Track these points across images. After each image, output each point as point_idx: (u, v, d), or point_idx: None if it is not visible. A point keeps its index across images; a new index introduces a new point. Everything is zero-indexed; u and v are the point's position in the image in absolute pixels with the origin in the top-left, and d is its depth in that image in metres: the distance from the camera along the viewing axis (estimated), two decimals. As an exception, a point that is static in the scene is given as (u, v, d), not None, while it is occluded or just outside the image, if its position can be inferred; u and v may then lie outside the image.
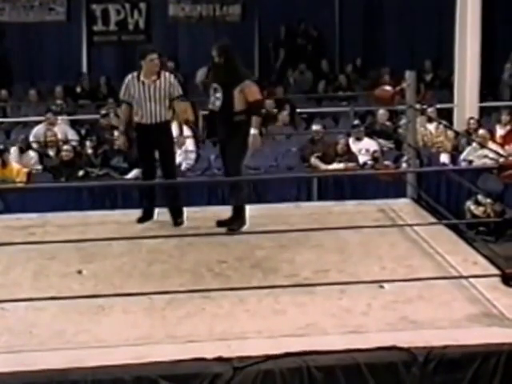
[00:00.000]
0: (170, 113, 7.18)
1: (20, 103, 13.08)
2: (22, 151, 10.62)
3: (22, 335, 5.11)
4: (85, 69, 14.26)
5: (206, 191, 9.69)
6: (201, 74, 14.54)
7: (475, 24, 11.64)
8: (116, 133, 10.78)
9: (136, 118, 7.11)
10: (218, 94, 6.79)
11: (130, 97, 7.10)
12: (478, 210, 10.05)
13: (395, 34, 14.44)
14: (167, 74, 7.25)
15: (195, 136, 11.24)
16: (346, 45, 14.69)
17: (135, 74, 7.13)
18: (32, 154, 10.72)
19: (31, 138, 11.17)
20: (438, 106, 11.98)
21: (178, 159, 10.60)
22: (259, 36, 14.63)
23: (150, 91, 7.06)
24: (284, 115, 12.04)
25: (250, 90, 6.75)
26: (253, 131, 6.72)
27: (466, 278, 5.75)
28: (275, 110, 12.24)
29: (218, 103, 6.79)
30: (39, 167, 10.60)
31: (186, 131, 11.02)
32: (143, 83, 7.07)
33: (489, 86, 12.50)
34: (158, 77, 7.11)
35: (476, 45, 11.69)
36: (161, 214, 7.25)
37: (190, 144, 10.96)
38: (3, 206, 9.08)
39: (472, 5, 11.61)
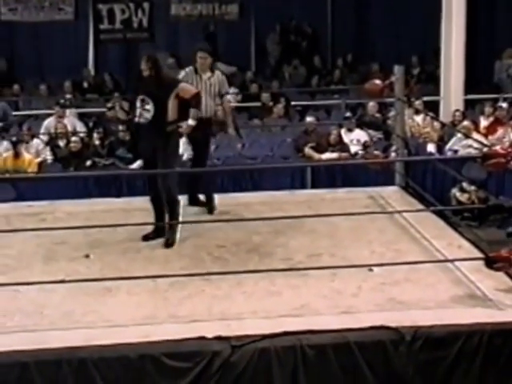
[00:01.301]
0: (217, 109, 7.19)
1: (31, 97, 13.04)
2: (28, 141, 10.58)
3: (33, 316, 5.11)
4: (91, 65, 14.22)
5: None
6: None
7: (460, 21, 11.61)
8: (121, 126, 10.76)
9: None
10: (148, 106, 6.25)
11: None
12: (463, 197, 10.04)
13: (384, 30, 14.39)
14: (219, 72, 7.19)
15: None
16: (337, 41, 14.65)
17: (191, 68, 7.10)
18: (37, 142, 10.68)
19: (42, 130, 11.14)
20: (425, 98, 11.96)
21: (180, 150, 10.60)
22: (255, 33, 14.58)
23: (207, 86, 7.01)
24: (279, 108, 12.01)
25: (184, 90, 6.36)
26: (190, 121, 6.37)
27: (451, 261, 5.74)
28: (271, 103, 12.21)
29: (148, 115, 6.26)
30: (49, 157, 10.57)
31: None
32: (201, 77, 7.03)
33: (472, 80, 12.45)
34: (212, 74, 7.08)
35: (461, 41, 11.66)
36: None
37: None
38: (16, 194, 9.05)
39: (457, 2, 11.58)
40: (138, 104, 6.30)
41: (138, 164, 10.25)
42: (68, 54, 14.00)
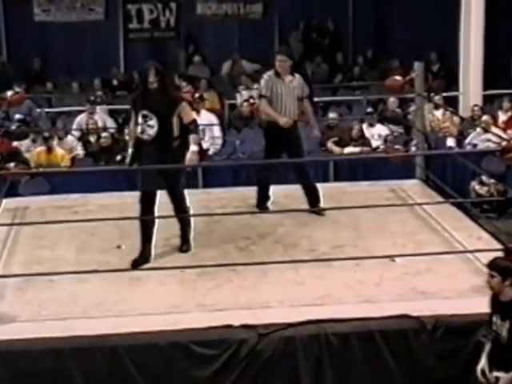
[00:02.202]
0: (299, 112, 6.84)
1: (63, 95, 13.07)
2: (62, 138, 10.63)
3: (67, 304, 5.13)
4: (121, 63, 14.25)
5: (232, 173, 9.63)
6: (226, 66, 14.52)
7: (479, 17, 11.50)
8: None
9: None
10: (152, 122, 5.72)
11: (273, 93, 6.69)
12: (482, 190, 9.95)
13: (403, 27, 14.29)
14: (298, 75, 6.87)
15: (222, 123, 11.21)
16: (358, 38, 14.57)
17: (271, 72, 6.77)
18: (71, 139, 10.73)
19: (74, 126, 11.17)
20: (445, 94, 11.87)
21: (206, 145, 10.62)
22: (279, 31, 14.52)
23: (289, 89, 6.72)
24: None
25: (186, 112, 5.83)
26: (192, 147, 5.74)
27: (471, 252, 5.70)
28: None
29: (152, 131, 5.72)
30: (81, 152, 10.61)
31: (214, 119, 11.02)
32: (283, 81, 6.73)
33: (491, 75, 12.33)
34: (293, 77, 6.79)
35: (479, 37, 11.55)
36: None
37: (216, 130, 10.91)
38: (50, 188, 9.09)
39: (476, -1, 11.50)
40: (140, 120, 5.76)
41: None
42: (98, 52, 14.04)
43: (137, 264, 5.69)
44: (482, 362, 4.40)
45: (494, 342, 4.34)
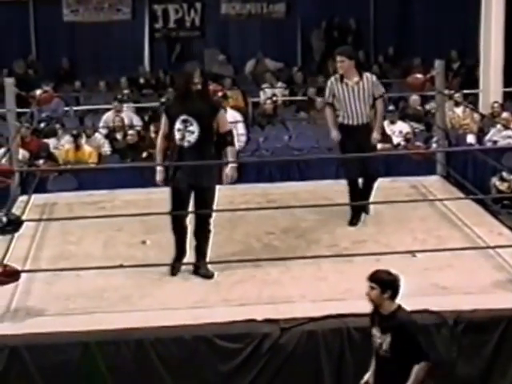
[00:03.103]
0: (372, 113, 6.40)
1: (91, 93, 13.11)
2: (90, 136, 10.65)
3: (94, 299, 5.12)
4: (147, 62, 14.27)
5: (255, 170, 9.60)
6: (249, 65, 14.49)
7: (499, 15, 11.38)
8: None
9: (340, 119, 6.39)
10: (192, 127, 5.29)
11: (336, 98, 6.36)
12: (503, 186, 9.84)
13: (425, 25, 14.19)
14: (368, 74, 6.43)
15: (246, 121, 11.17)
16: (379, 37, 14.48)
17: (337, 76, 6.37)
18: (99, 136, 10.75)
19: (101, 124, 11.19)
20: (465, 91, 11.75)
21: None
22: (301, 30, 14.47)
23: (354, 92, 6.31)
24: (319, 101, 11.82)
25: (223, 121, 5.47)
26: (232, 163, 5.46)
27: (492, 247, 5.62)
28: (319, 99, 12.00)
29: (192, 138, 5.29)
30: (108, 149, 10.63)
31: (238, 116, 10.98)
32: (347, 84, 6.32)
33: (511, 73, 12.18)
34: (361, 77, 6.33)
35: (500, 35, 11.42)
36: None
37: (240, 128, 10.88)
38: (77, 184, 9.11)
39: (496, -4, 11.37)
40: (180, 125, 5.32)
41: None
42: (125, 51, 14.06)
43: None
44: (368, 374, 4.28)
45: (377, 355, 4.20)
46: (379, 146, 6.35)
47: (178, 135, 5.35)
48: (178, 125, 5.34)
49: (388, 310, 4.19)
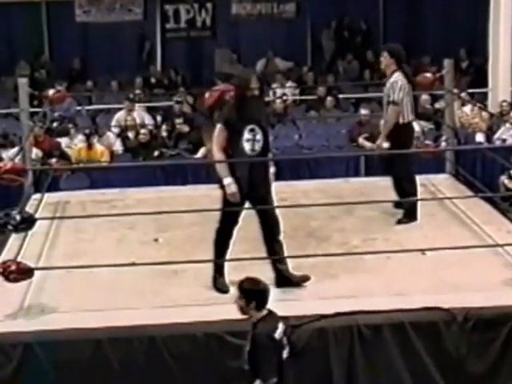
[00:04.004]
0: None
1: (103, 93, 13.14)
2: (102, 135, 10.67)
3: (107, 296, 5.13)
4: (159, 62, 14.28)
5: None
6: (260, 65, 14.47)
7: (508, 14, 11.33)
8: (177, 120, 10.70)
9: (401, 120, 6.29)
10: (258, 136, 5.02)
11: (405, 98, 6.24)
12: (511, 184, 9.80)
13: (433, 25, 14.15)
14: (397, 74, 6.27)
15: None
16: (389, 36, 14.43)
17: (402, 74, 6.29)
18: (111, 135, 10.77)
19: (113, 123, 11.21)
20: (474, 90, 11.71)
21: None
22: (311, 30, 14.45)
23: (385, 92, 6.33)
24: (329, 100, 11.82)
25: None
26: (272, 169, 5.36)
27: (501, 245, 5.59)
28: (329, 99, 11.99)
29: (258, 146, 5.04)
30: (120, 148, 10.64)
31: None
32: (409, 82, 6.31)
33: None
34: (391, 76, 6.26)
35: (508, 34, 11.37)
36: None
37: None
38: (90, 183, 9.13)
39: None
40: (249, 135, 5.00)
41: (201, 153, 10.28)
42: (137, 52, 14.08)
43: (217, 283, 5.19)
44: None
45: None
46: (386, 144, 6.28)
47: (247, 146, 5.02)
48: (246, 135, 5.02)
49: (255, 319, 4.15)
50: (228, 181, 5.04)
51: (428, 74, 7.67)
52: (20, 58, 13.73)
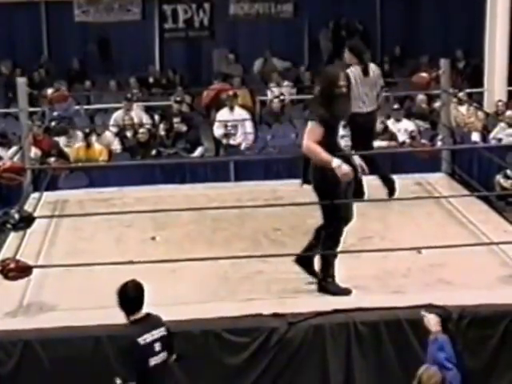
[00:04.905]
0: None
1: (102, 92, 13.13)
2: (100, 134, 10.67)
3: (105, 294, 5.09)
4: (157, 62, 14.29)
5: (263, 167, 9.60)
6: (258, 64, 14.47)
7: (504, 14, 11.35)
8: (175, 119, 10.70)
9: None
10: (344, 132, 5.28)
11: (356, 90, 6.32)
12: (507, 183, 9.81)
13: (430, 25, 14.16)
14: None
15: (253, 119, 11.17)
16: (386, 37, 14.47)
17: (359, 67, 6.52)
18: (109, 134, 10.78)
19: (111, 122, 11.21)
20: (470, 90, 11.72)
21: (238, 140, 10.59)
22: (309, 30, 14.46)
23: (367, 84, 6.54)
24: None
25: None
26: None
27: (497, 244, 5.61)
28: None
29: (349, 142, 5.33)
30: (118, 147, 10.64)
31: (246, 115, 10.98)
32: (366, 75, 6.52)
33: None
34: None
35: (505, 34, 11.41)
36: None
37: (248, 126, 10.88)
38: (88, 182, 9.13)
39: (502, -3, 11.35)
40: (343, 132, 5.20)
41: (199, 151, 10.29)
42: (135, 51, 14.08)
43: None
44: None
45: None
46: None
47: (343, 142, 5.16)
48: (341, 131, 5.04)
49: (127, 321, 4.18)
50: (337, 162, 4.82)
51: (424, 74, 7.68)
52: (19, 58, 13.72)
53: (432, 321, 4.15)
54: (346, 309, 4.77)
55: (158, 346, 4.10)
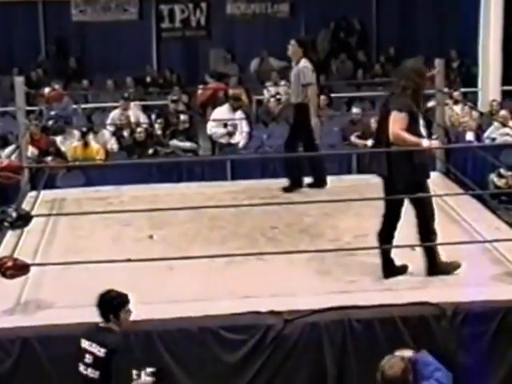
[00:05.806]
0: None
1: (99, 91, 13.13)
2: (97, 132, 10.67)
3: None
4: (154, 61, 14.29)
5: (259, 166, 9.62)
6: (254, 64, 14.47)
7: (498, 14, 11.38)
8: (182, 116, 10.75)
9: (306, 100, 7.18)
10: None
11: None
12: (501, 182, 9.84)
13: (425, 25, 14.19)
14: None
15: (249, 118, 11.18)
16: (382, 36, 14.49)
17: (308, 60, 7.31)
18: (106, 133, 10.78)
19: (108, 121, 11.21)
20: (464, 89, 11.75)
21: (237, 139, 10.61)
22: (305, 30, 14.47)
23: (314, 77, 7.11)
24: (321, 99, 11.82)
25: None
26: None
27: (490, 241, 5.63)
28: (322, 98, 11.98)
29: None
30: (115, 146, 10.64)
31: (242, 114, 10.98)
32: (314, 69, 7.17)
33: (509, 71, 12.18)
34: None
35: (498, 34, 11.43)
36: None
37: (244, 125, 10.89)
38: (85, 180, 9.14)
39: (495, -3, 11.37)
40: (423, 122, 5.26)
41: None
42: (132, 51, 14.09)
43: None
44: None
45: None
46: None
47: (424, 133, 5.27)
48: (421, 121, 5.19)
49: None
50: (426, 141, 5.09)
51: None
52: (17, 58, 13.71)
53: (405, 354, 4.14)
54: (342, 306, 4.79)
55: (88, 359, 4.22)
